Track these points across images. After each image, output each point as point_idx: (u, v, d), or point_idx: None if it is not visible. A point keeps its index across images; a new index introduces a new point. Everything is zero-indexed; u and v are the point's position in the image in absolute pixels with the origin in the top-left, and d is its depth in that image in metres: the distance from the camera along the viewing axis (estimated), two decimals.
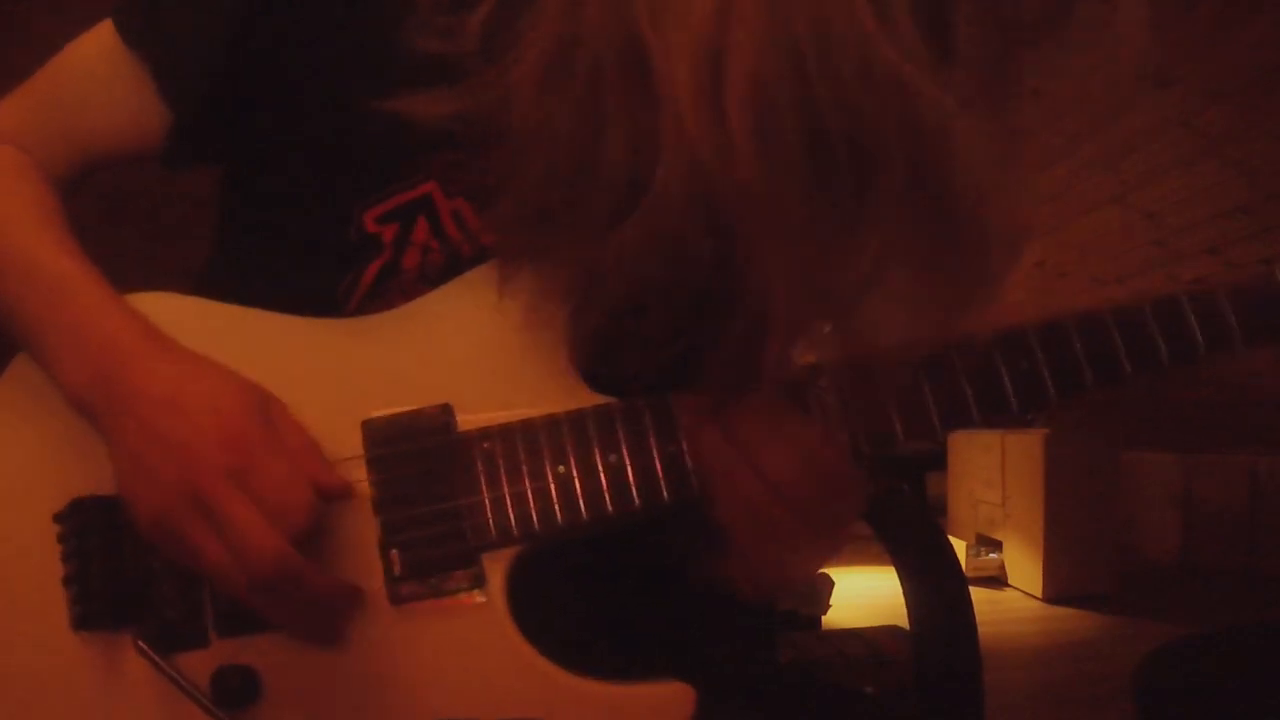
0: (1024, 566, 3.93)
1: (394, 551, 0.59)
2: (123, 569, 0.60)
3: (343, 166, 0.65)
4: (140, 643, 0.58)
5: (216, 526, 0.53)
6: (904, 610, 1.00)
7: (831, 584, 2.79)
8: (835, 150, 0.44)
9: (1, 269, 0.62)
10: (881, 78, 0.41)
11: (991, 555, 4.15)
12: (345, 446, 0.60)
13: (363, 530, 0.59)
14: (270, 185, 0.68)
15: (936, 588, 0.99)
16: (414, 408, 0.61)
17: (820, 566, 0.62)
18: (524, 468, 0.59)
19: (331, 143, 0.65)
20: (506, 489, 0.59)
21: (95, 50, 0.67)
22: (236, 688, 0.57)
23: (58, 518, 0.60)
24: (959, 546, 4.20)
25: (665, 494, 0.59)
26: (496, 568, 0.59)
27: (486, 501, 0.59)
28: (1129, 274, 3.45)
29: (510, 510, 0.59)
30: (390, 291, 0.66)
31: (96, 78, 0.66)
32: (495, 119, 0.52)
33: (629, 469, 0.59)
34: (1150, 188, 2.88)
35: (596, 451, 0.59)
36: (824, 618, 2.67)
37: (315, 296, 0.65)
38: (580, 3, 0.48)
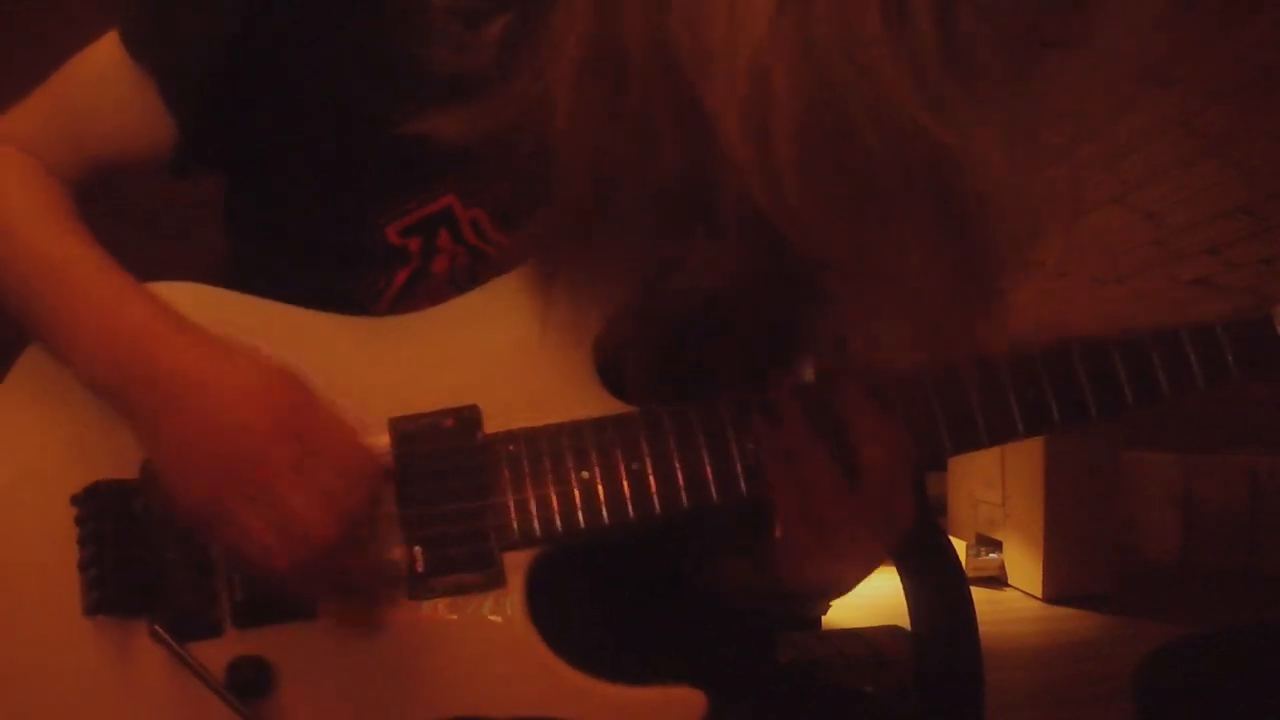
0: (1024, 566, 3.93)
1: (416, 548, 0.60)
2: (137, 556, 0.60)
3: (361, 179, 0.65)
4: (157, 628, 0.58)
5: (269, 511, 0.53)
6: (904, 610, 1.00)
7: None
8: (879, 177, 0.45)
9: (13, 258, 0.62)
10: (905, 106, 0.43)
11: (991, 555, 4.15)
12: (371, 444, 0.61)
13: (386, 527, 0.60)
14: (290, 198, 0.68)
15: (936, 588, 0.99)
16: (441, 408, 0.61)
17: (866, 570, 0.62)
18: (548, 472, 0.60)
19: (347, 155, 0.65)
20: (530, 491, 0.60)
21: (103, 61, 0.67)
22: (252, 679, 0.58)
23: (75, 500, 0.60)
24: (959, 546, 4.20)
25: (685, 500, 0.60)
26: (517, 568, 0.60)
27: (510, 503, 0.60)
28: (1129, 274, 3.45)
29: (533, 512, 0.60)
30: (418, 295, 0.66)
31: (104, 89, 0.67)
32: (519, 134, 0.53)
33: (651, 476, 0.60)
34: (1150, 188, 2.88)
35: (619, 458, 0.60)
36: (824, 618, 2.67)
37: (340, 303, 0.65)
38: (618, 28, 0.48)
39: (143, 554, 0.60)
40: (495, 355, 0.62)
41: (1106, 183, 2.95)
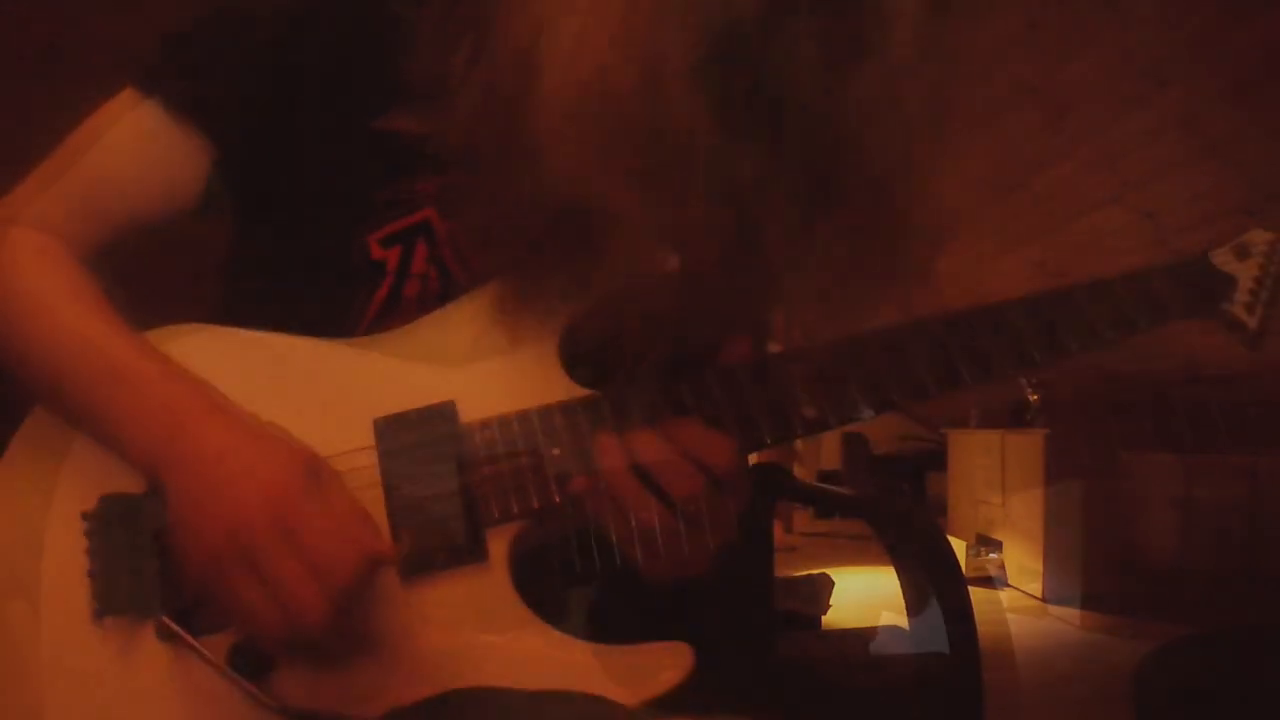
0: (1024, 566, 3.94)
1: (403, 532, 0.62)
2: (142, 562, 0.62)
3: (345, 192, 0.69)
4: (165, 620, 0.60)
5: (262, 579, 0.55)
6: (904, 610, 1.00)
7: (831, 584, 2.79)
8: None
9: (55, 351, 0.63)
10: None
11: (991, 555, 4.16)
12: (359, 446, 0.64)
13: (374, 515, 0.62)
14: (278, 214, 0.70)
15: (937, 589, 0.99)
16: (420, 405, 0.65)
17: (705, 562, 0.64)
18: (521, 451, 0.63)
19: (333, 171, 0.68)
20: (506, 469, 0.63)
21: (132, 127, 0.67)
22: (252, 663, 0.60)
23: (85, 515, 0.63)
24: (959, 546, 4.21)
25: None
26: (500, 543, 0.63)
27: (488, 482, 0.63)
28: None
29: (510, 489, 0.63)
30: (393, 321, 0.69)
31: (145, 155, 0.68)
32: (467, 145, 0.58)
33: None
34: (1150, 188, 2.88)
35: (587, 434, 0.63)
36: (824, 618, 2.67)
37: (326, 321, 0.68)
38: (495, 49, 0.54)
39: (148, 560, 0.62)
40: (467, 357, 0.66)
41: (1106, 183, 2.95)
